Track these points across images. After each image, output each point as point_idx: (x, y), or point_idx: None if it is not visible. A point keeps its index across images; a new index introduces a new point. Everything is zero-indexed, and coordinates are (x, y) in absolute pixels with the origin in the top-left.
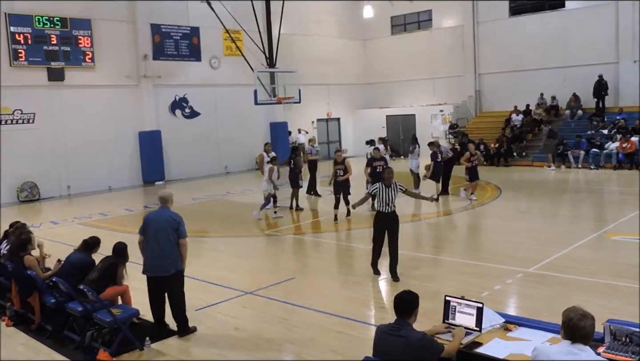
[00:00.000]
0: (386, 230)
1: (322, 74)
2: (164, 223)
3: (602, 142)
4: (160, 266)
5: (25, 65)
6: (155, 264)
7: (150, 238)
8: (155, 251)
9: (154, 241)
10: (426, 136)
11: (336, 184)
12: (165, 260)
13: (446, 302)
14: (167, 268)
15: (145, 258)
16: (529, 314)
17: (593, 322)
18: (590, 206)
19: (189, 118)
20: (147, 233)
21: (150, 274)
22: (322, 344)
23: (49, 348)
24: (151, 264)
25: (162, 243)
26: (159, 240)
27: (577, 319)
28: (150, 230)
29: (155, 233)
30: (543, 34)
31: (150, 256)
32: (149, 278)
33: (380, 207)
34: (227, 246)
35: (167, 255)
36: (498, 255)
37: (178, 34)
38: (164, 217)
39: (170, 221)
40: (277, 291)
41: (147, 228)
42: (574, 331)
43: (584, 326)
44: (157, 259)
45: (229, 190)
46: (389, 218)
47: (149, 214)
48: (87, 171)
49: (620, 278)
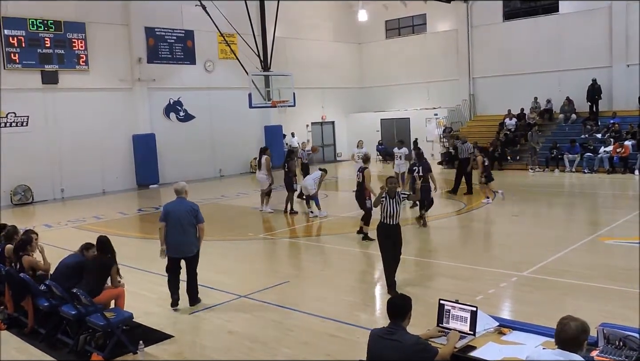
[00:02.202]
0: (390, 241)
1: (316, 78)
2: (185, 212)
3: (596, 146)
4: (186, 248)
5: (19, 68)
6: (181, 247)
7: (174, 225)
8: (181, 236)
9: (179, 227)
10: (421, 140)
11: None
12: (189, 243)
13: (440, 306)
14: (192, 249)
15: (169, 242)
16: (523, 318)
17: (580, 325)
18: (584, 210)
19: (184, 121)
20: (170, 221)
21: (177, 256)
22: (317, 348)
23: (42, 352)
24: (176, 247)
25: (185, 229)
26: (183, 226)
27: (563, 323)
28: (173, 218)
29: (178, 221)
30: (537, 38)
31: (174, 241)
32: (171, 258)
33: (383, 218)
34: (222, 250)
35: (190, 239)
36: (492, 259)
37: (172, 37)
38: (184, 207)
39: (190, 210)
40: (272, 294)
41: (169, 216)
42: (559, 334)
43: (566, 330)
44: (182, 243)
45: (224, 193)
46: (392, 230)
47: (167, 204)
48: (81, 174)
49: (614, 282)
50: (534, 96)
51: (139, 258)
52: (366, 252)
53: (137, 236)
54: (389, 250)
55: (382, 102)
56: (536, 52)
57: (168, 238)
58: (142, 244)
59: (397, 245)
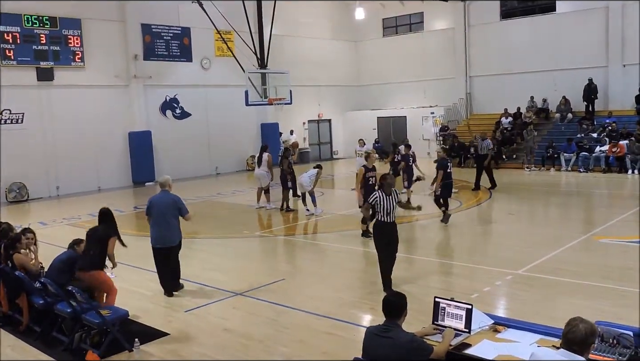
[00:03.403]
0: (389, 241)
1: (313, 76)
2: (168, 204)
3: (591, 146)
4: (168, 238)
5: (14, 64)
6: (164, 237)
7: (158, 217)
8: (164, 227)
9: (162, 219)
10: (417, 138)
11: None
12: (172, 234)
13: (436, 303)
14: (173, 240)
15: (153, 232)
16: (518, 315)
17: (590, 328)
18: (579, 208)
19: (180, 119)
20: (154, 213)
21: (160, 246)
22: (312, 345)
23: (37, 350)
24: (160, 237)
25: (168, 220)
26: (166, 218)
27: (572, 325)
28: (157, 210)
29: (161, 213)
30: (534, 38)
31: (158, 231)
32: (156, 248)
33: (381, 217)
34: (218, 247)
35: (173, 230)
36: (487, 257)
37: (169, 34)
38: (167, 199)
39: (172, 203)
40: (267, 292)
41: (153, 208)
42: (567, 335)
43: (574, 331)
44: (165, 234)
45: (220, 191)
46: (388, 227)
47: (153, 197)
48: (77, 172)
49: (608, 280)
50: (530, 95)
51: (134, 255)
52: (362, 250)
53: (132, 233)
54: (385, 248)
55: (378, 100)
56: (533, 52)
57: (152, 229)
58: (137, 241)
59: (392, 243)
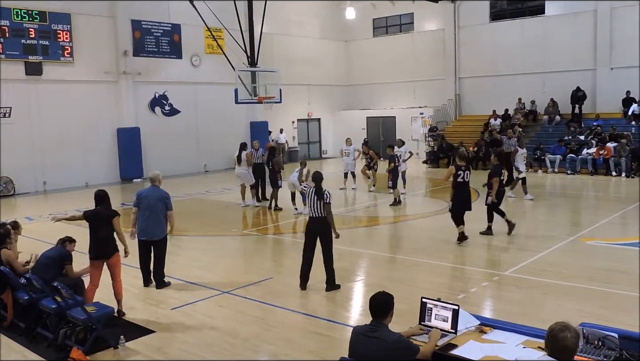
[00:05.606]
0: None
1: (303, 75)
2: (157, 199)
3: (578, 147)
4: (154, 231)
5: (3, 58)
6: (150, 230)
7: (145, 210)
8: (150, 220)
9: (149, 212)
10: (406, 138)
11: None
12: (158, 227)
13: (422, 304)
14: (159, 233)
15: (139, 225)
16: (504, 317)
17: (575, 336)
18: (565, 210)
19: (169, 116)
20: (142, 206)
21: (146, 238)
22: (299, 344)
23: (21, 346)
24: (146, 230)
25: (155, 214)
26: (154, 212)
27: (557, 330)
28: (145, 204)
29: (149, 206)
30: (523, 40)
31: (145, 224)
32: (141, 241)
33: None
34: (205, 245)
35: (159, 224)
36: (474, 258)
37: (159, 30)
38: (156, 194)
39: (161, 198)
40: (254, 291)
41: (141, 201)
42: (554, 342)
43: (563, 338)
44: (151, 227)
45: (208, 189)
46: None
47: (141, 190)
48: (64, 167)
49: (594, 282)
50: (518, 96)
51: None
52: (348, 249)
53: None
54: (310, 245)
55: (368, 100)
56: (522, 54)
57: (139, 222)
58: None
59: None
